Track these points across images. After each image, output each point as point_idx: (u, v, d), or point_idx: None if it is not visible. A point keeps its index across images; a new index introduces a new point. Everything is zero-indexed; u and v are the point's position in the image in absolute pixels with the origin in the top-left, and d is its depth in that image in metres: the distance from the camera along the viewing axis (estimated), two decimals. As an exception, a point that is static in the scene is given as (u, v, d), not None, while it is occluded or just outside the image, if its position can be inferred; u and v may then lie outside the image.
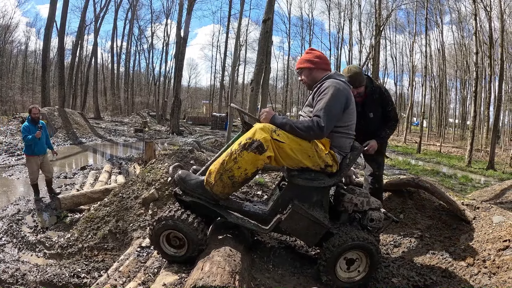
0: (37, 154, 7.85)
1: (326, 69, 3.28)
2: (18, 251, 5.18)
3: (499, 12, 22.57)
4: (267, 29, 10.40)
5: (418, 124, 50.09)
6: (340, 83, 3.03)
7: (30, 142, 7.58)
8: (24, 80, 47.36)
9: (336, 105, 2.91)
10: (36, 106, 8.19)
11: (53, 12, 23.77)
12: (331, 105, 2.88)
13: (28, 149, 7.77)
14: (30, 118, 7.83)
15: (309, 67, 3.26)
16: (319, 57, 3.29)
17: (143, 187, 5.49)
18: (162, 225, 2.93)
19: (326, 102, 2.89)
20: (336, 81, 3.04)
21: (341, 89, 2.98)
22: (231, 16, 41.54)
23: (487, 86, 29.86)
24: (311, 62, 3.25)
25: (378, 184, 4.42)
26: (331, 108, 2.88)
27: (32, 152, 7.77)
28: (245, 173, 2.82)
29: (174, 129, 26.93)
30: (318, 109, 2.91)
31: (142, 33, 53.19)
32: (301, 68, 3.33)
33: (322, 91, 2.99)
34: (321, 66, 3.25)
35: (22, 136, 7.78)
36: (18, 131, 19.16)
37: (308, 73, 3.28)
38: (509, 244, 3.52)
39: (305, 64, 3.27)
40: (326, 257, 2.90)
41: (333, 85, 2.98)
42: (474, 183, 14.10)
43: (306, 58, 3.29)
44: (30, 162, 7.84)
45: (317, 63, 3.25)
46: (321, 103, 2.92)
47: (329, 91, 2.94)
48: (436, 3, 38.77)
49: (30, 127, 7.69)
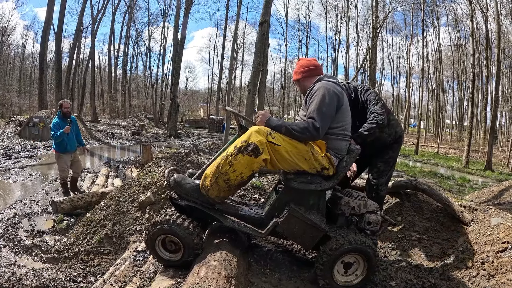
0: (69, 151, 7.64)
1: (316, 74, 3.35)
2: (15, 255, 5.14)
3: (495, 14, 22.70)
4: (264, 32, 10.39)
5: (415, 125, 50.18)
6: (330, 83, 3.08)
7: (59, 139, 7.31)
8: (21, 83, 47.32)
9: (328, 104, 2.92)
10: (66, 100, 7.98)
11: (50, 15, 23.76)
12: (323, 105, 2.90)
13: (60, 146, 7.51)
14: (60, 113, 7.59)
15: (297, 78, 3.42)
16: (304, 65, 3.40)
17: (140, 190, 5.46)
18: (158, 230, 2.91)
19: (317, 103, 2.91)
20: (326, 83, 3.09)
21: (331, 89, 3.00)
22: (228, 18, 41.62)
23: (484, 87, 29.97)
24: (298, 73, 3.41)
25: (375, 193, 4.20)
26: (324, 108, 2.89)
27: (64, 149, 7.54)
28: (241, 177, 2.80)
29: (172, 132, 26.90)
30: (311, 110, 2.92)
31: (139, 36, 53.23)
32: (294, 81, 3.51)
33: (314, 94, 3.03)
34: (309, 74, 3.36)
35: (51, 134, 7.44)
36: (15, 134, 19.16)
37: (300, 84, 3.44)
38: (507, 245, 3.51)
39: (295, 76, 3.45)
40: (323, 261, 2.88)
41: (323, 86, 3.02)
42: (472, 184, 14.09)
43: (295, 71, 3.48)
44: (61, 159, 7.62)
45: (304, 73, 3.38)
46: (313, 104, 2.94)
47: (320, 92, 2.98)
48: (432, 5, 38.96)
49: (60, 123, 7.42)
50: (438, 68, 43.28)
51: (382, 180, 4.23)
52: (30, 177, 10.20)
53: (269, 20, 10.96)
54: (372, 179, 4.24)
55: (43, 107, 22.97)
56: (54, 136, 7.32)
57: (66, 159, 7.66)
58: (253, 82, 10.44)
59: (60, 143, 7.46)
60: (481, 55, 29.38)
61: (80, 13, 32.28)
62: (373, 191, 4.21)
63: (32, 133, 18.58)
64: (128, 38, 50.17)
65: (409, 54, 43.85)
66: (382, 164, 4.23)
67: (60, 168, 7.70)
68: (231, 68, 34.21)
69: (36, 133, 18.54)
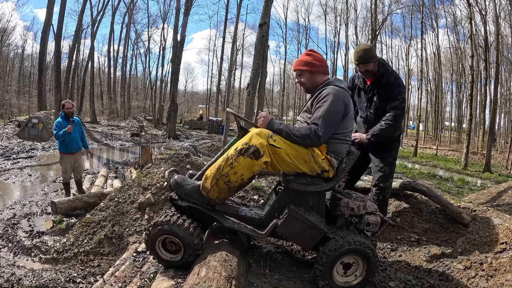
0: (71, 151, 7.63)
1: (326, 73, 3.21)
2: (14, 255, 5.14)
3: (494, 16, 22.74)
4: (263, 34, 10.39)
5: (414, 127, 50.10)
6: (340, 90, 2.98)
7: (61, 138, 7.35)
8: (20, 84, 47.31)
9: (335, 113, 2.89)
10: (69, 100, 7.99)
11: (50, 16, 23.72)
12: (330, 113, 2.85)
13: (62, 146, 7.55)
14: (63, 113, 7.59)
15: (310, 70, 3.16)
16: (321, 60, 3.20)
17: (139, 191, 5.47)
18: (158, 230, 2.91)
19: (325, 110, 2.86)
20: (336, 88, 2.98)
21: (341, 96, 2.93)
22: (228, 20, 41.51)
23: (482, 89, 30.06)
24: (313, 65, 3.16)
25: (382, 196, 4.15)
26: (330, 117, 2.85)
27: (66, 149, 7.56)
28: (241, 178, 2.80)
29: (171, 134, 26.87)
30: (316, 117, 2.87)
31: (138, 37, 53.16)
32: (301, 70, 3.20)
33: (322, 99, 2.94)
34: (322, 70, 3.18)
35: (54, 133, 7.50)
36: (14, 134, 19.14)
37: (309, 77, 3.18)
38: (506, 246, 3.53)
39: (306, 67, 3.16)
40: (323, 262, 2.89)
41: (333, 93, 2.92)
42: (470, 185, 14.12)
43: (306, 60, 3.17)
44: (64, 160, 7.65)
45: (319, 67, 3.17)
46: (320, 111, 2.88)
47: (329, 98, 2.89)
48: (431, 7, 39.02)
49: (62, 122, 7.45)
50: (437, 70, 43.33)
51: (388, 183, 4.20)
52: (29, 178, 10.21)
53: (268, 22, 10.95)
54: (378, 183, 4.17)
55: (42, 108, 22.95)
56: (56, 135, 7.37)
57: (68, 160, 7.66)
58: (252, 84, 10.44)
59: (62, 143, 7.49)
60: (479, 57, 29.46)
61: (80, 14, 32.24)
62: (381, 195, 4.16)
63: (31, 134, 18.58)
64: (127, 39, 50.16)
65: (408, 56, 43.95)
66: (387, 168, 4.16)
67: (62, 168, 7.73)
68: (230, 69, 34.18)
69: (35, 134, 18.54)
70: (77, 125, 7.69)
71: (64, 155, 7.63)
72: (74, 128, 7.52)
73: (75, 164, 7.80)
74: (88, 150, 8.26)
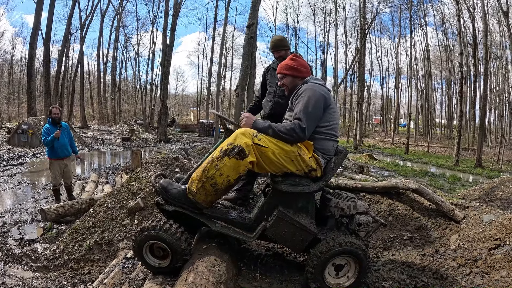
0: (61, 156, 7.54)
1: (307, 77, 3.31)
2: (4, 264, 5.05)
3: (482, 13, 22.92)
4: (252, 34, 10.37)
5: (405, 125, 50.58)
6: (315, 85, 3.08)
7: (50, 144, 7.26)
8: (10, 90, 46.93)
9: (315, 105, 2.91)
10: (56, 106, 7.90)
11: (38, 21, 23.53)
12: (309, 106, 2.89)
13: (51, 151, 7.46)
14: (50, 119, 7.52)
15: (293, 75, 3.26)
16: (304, 65, 3.31)
17: (129, 196, 5.39)
18: (145, 236, 2.86)
19: (304, 103, 2.90)
20: (312, 84, 3.09)
21: (318, 90, 3.00)
22: (217, 22, 41.63)
23: (472, 86, 30.24)
24: (295, 70, 3.26)
25: None
26: (310, 109, 2.88)
27: (56, 155, 7.46)
28: (228, 180, 2.76)
29: (162, 137, 26.79)
30: (297, 111, 2.90)
31: (128, 41, 53.07)
32: (284, 74, 3.30)
33: (300, 94, 3.01)
34: (304, 76, 3.28)
35: (42, 140, 7.39)
36: (4, 141, 18.96)
37: (292, 80, 3.27)
38: (500, 242, 3.50)
39: (289, 71, 3.26)
40: (314, 264, 2.85)
41: (309, 88, 3.02)
42: (462, 182, 14.19)
43: (291, 65, 3.27)
44: (53, 166, 7.55)
45: (302, 73, 3.27)
46: (299, 105, 2.92)
47: (306, 93, 2.97)
48: (419, 5, 39.33)
49: (50, 128, 7.37)
50: (427, 68, 43.72)
51: None
52: (20, 185, 10.07)
53: (256, 23, 10.94)
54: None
55: (32, 114, 22.73)
56: (44, 141, 7.28)
57: (57, 165, 7.57)
58: (241, 85, 10.42)
59: (51, 148, 7.41)
60: (468, 54, 29.71)
61: (69, 18, 31.99)
62: None
63: (21, 141, 18.40)
64: (117, 43, 49.95)
65: (397, 55, 44.28)
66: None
67: (52, 174, 7.64)
68: (220, 71, 34.19)
69: (25, 140, 18.36)
70: (65, 130, 7.61)
71: (53, 160, 7.54)
72: (62, 133, 7.44)
73: (64, 169, 7.71)
74: (77, 155, 8.15)
